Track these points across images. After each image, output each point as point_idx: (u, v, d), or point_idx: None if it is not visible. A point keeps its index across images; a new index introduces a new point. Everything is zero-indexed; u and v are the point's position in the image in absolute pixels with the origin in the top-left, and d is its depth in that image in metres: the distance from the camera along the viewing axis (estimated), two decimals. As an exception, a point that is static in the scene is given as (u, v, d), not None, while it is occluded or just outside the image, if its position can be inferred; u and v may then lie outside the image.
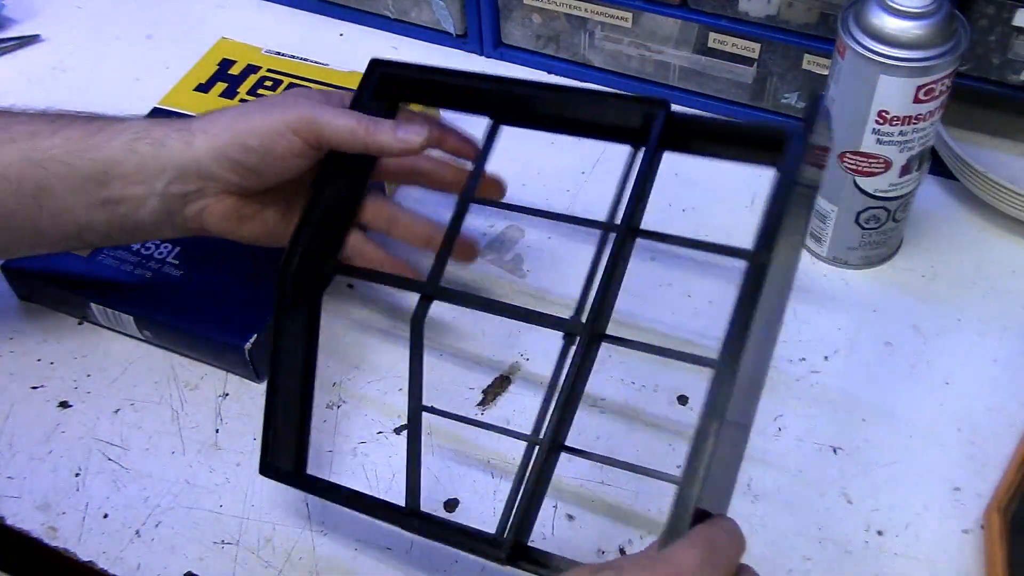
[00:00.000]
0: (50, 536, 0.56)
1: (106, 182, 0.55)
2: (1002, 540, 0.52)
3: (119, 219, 0.56)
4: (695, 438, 0.43)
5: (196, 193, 0.56)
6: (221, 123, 0.55)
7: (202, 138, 0.55)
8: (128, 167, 0.54)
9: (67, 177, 0.54)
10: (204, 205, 0.56)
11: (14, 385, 0.63)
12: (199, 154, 0.55)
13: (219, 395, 0.62)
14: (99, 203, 0.55)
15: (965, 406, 0.60)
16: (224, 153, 0.54)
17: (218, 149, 0.54)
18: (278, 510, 0.57)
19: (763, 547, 0.54)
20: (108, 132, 0.55)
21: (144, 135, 0.55)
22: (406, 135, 0.55)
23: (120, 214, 0.55)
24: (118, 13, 0.90)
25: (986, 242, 0.68)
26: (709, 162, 0.74)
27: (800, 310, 0.64)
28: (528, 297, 0.66)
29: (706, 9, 0.73)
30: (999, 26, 0.65)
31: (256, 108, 0.56)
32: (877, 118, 0.58)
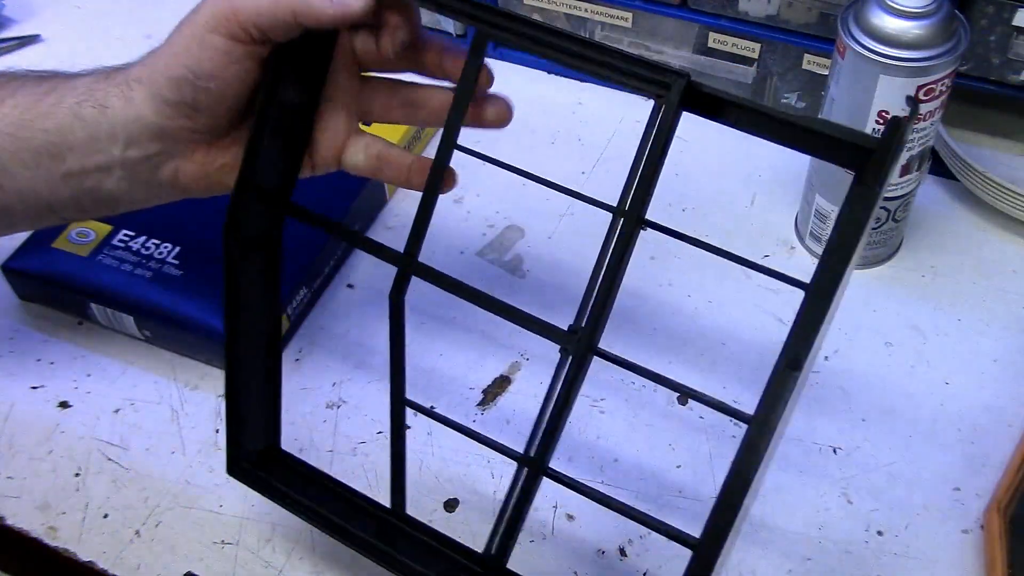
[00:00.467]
0: (50, 536, 0.56)
1: (59, 155, 0.48)
2: (1002, 540, 0.52)
3: (88, 193, 0.49)
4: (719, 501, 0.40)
5: (160, 156, 0.48)
6: (148, 63, 0.47)
7: (138, 89, 0.47)
8: (78, 137, 0.48)
9: (19, 152, 0.48)
10: (176, 167, 0.49)
11: (14, 385, 0.63)
12: (140, 110, 0.47)
13: (219, 395, 0.62)
14: (60, 178, 0.48)
15: (965, 406, 0.60)
16: (160, 98, 0.47)
17: (154, 95, 0.47)
18: (278, 510, 0.57)
19: (763, 547, 0.54)
20: (55, 95, 0.48)
21: (88, 96, 0.47)
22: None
23: (87, 188, 0.49)
24: (118, 13, 0.90)
25: (986, 242, 0.68)
26: (708, 156, 0.75)
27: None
28: (528, 297, 0.66)
29: (706, 9, 0.73)
30: (999, 26, 0.65)
31: (176, 29, 0.47)
32: (877, 118, 0.58)
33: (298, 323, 0.65)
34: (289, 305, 0.64)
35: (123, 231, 0.66)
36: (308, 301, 0.66)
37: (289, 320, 0.64)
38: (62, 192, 0.49)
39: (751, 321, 0.65)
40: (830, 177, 0.63)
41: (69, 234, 0.66)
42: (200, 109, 0.47)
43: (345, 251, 0.69)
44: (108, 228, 0.66)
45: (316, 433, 0.60)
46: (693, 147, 0.76)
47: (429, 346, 0.64)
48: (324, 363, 0.64)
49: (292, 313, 0.64)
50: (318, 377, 0.63)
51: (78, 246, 0.65)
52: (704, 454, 0.57)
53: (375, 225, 0.72)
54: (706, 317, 0.65)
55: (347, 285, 0.68)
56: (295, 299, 0.64)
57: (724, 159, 0.75)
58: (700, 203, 0.72)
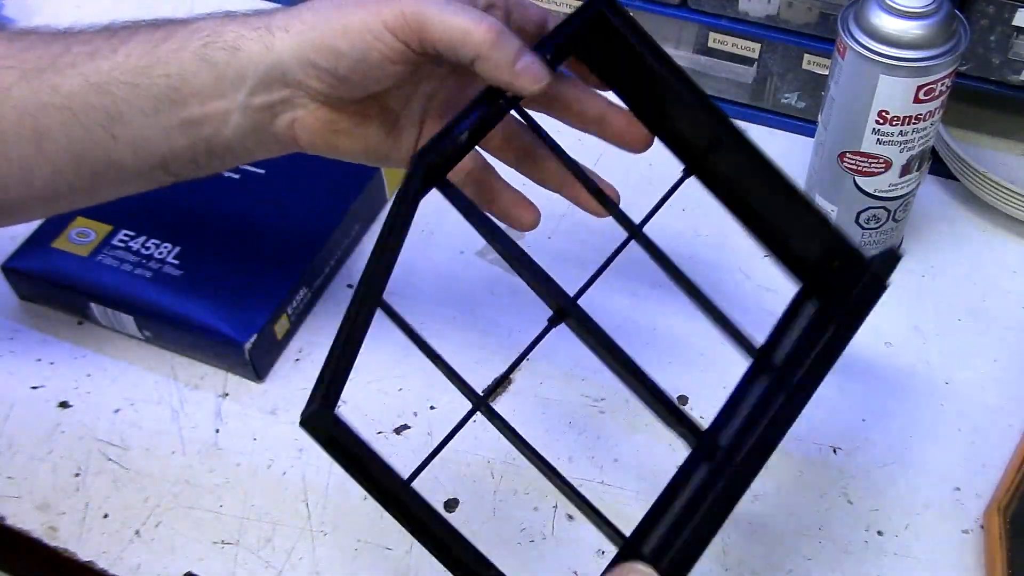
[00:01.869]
0: (50, 536, 0.56)
1: (181, 100, 0.47)
2: (1002, 540, 0.52)
3: (204, 142, 0.49)
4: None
5: (283, 104, 0.48)
6: (306, 20, 0.46)
7: (282, 38, 0.46)
8: (202, 80, 0.47)
9: (137, 100, 0.47)
10: (294, 117, 0.48)
11: (14, 385, 0.63)
12: (282, 57, 0.46)
13: (219, 395, 0.62)
14: (177, 126, 0.48)
15: (965, 406, 0.60)
16: (308, 58, 0.46)
17: (302, 52, 0.46)
18: (278, 510, 0.57)
19: (763, 547, 0.54)
20: (175, 40, 0.47)
21: (215, 38, 0.47)
22: (527, 69, 0.45)
23: (204, 136, 0.49)
24: (118, 13, 0.90)
25: (986, 242, 0.68)
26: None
27: None
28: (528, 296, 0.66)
29: (706, 9, 0.73)
30: (999, 26, 0.65)
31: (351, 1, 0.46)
32: (877, 118, 0.58)
33: (298, 323, 0.65)
34: (289, 305, 0.64)
35: (123, 231, 0.66)
36: (308, 301, 0.66)
37: (289, 320, 0.64)
38: (179, 142, 0.49)
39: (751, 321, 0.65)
40: (830, 177, 0.63)
41: (69, 234, 0.66)
42: (345, 83, 0.47)
43: (345, 251, 0.69)
44: (108, 228, 0.66)
45: (316, 433, 0.60)
46: (693, 147, 0.76)
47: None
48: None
49: (292, 313, 0.64)
50: (318, 377, 0.63)
51: (78, 246, 0.65)
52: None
53: (375, 225, 0.72)
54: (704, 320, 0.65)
55: (347, 285, 0.68)
56: (295, 299, 0.64)
57: (724, 159, 0.75)
58: (700, 203, 0.71)
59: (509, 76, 0.45)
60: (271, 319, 0.62)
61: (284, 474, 0.58)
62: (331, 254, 0.67)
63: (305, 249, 0.65)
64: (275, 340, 0.63)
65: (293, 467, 0.58)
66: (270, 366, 0.63)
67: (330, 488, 0.57)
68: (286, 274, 0.64)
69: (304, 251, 0.65)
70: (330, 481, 0.58)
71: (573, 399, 0.61)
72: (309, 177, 0.69)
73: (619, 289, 0.66)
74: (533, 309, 0.66)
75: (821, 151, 0.63)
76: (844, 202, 0.64)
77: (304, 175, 0.70)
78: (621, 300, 0.65)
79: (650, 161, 0.54)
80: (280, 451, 0.59)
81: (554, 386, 0.62)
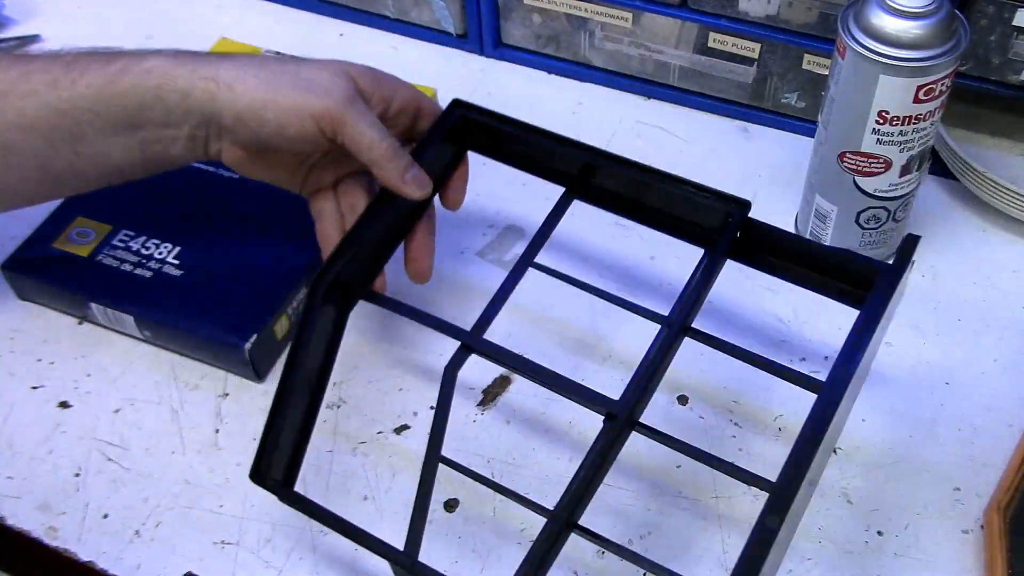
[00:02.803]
0: (50, 536, 0.56)
1: (139, 125, 0.55)
2: (1002, 540, 0.52)
3: (155, 155, 0.57)
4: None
5: (215, 139, 0.57)
6: (248, 84, 0.54)
7: (227, 94, 0.54)
8: (157, 113, 0.55)
9: (98, 123, 0.55)
10: (221, 146, 0.57)
11: (14, 385, 0.63)
12: (220, 108, 0.54)
13: (219, 395, 0.62)
14: (135, 144, 0.56)
15: (965, 406, 0.60)
16: (241, 117, 0.54)
17: (237, 111, 0.54)
18: (278, 510, 0.57)
19: (763, 547, 0.54)
20: (132, 75, 0.54)
21: (169, 81, 0.54)
22: (413, 180, 0.56)
23: (155, 151, 0.56)
24: (118, 13, 0.90)
25: (986, 242, 0.68)
26: (708, 156, 0.75)
27: (800, 310, 0.64)
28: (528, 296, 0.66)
29: (706, 9, 0.73)
30: (999, 26, 0.65)
31: (289, 80, 0.55)
32: (877, 118, 0.58)
33: (298, 323, 0.65)
34: (289, 305, 0.64)
35: (123, 231, 0.66)
36: (308, 301, 0.66)
37: (289, 320, 0.64)
38: (135, 156, 0.56)
39: (751, 321, 0.65)
40: (830, 177, 0.63)
41: (69, 234, 0.66)
42: (263, 142, 0.56)
43: (345, 251, 0.69)
44: (108, 228, 0.66)
45: (316, 433, 0.60)
46: (693, 147, 0.76)
47: (429, 347, 0.64)
48: (324, 363, 0.64)
49: (292, 313, 0.64)
50: (318, 377, 0.63)
51: (78, 246, 0.65)
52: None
53: (375, 225, 0.71)
54: (706, 317, 0.65)
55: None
56: (295, 299, 0.64)
57: (724, 159, 0.75)
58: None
59: (398, 184, 0.56)
60: (271, 319, 0.62)
61: (284, 474, 0.58)
62: (331, 254, 0.67)
63: (305, 249, 0.65)
64: (275, 340, 0.63)
65: (293, 467, 0.58)
66: (270, 366, 0.63)
67: (330, 488, 0.57)
68: (286, 274, 0.64)
69: (304, 251, 0.65)
70: (330, 481, 0.58)
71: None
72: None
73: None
74: (535, 309, 0.66)
75: (821, 151, 0.63)
76: (844, 202, 0.64)
77: (304, 175, 0.70)
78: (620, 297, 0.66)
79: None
80: (280, 451, 0.59)
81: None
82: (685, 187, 0.57)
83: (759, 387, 0.60)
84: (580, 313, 0.64)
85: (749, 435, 0.59)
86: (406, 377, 0.63)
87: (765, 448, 0.58)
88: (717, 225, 0.56)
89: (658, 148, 0.76)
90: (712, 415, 0.60)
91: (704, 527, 0.55)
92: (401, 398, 0.62)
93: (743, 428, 0.59)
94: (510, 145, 0.61)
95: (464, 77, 0.82)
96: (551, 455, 0.59)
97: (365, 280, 0.58)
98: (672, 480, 0.57)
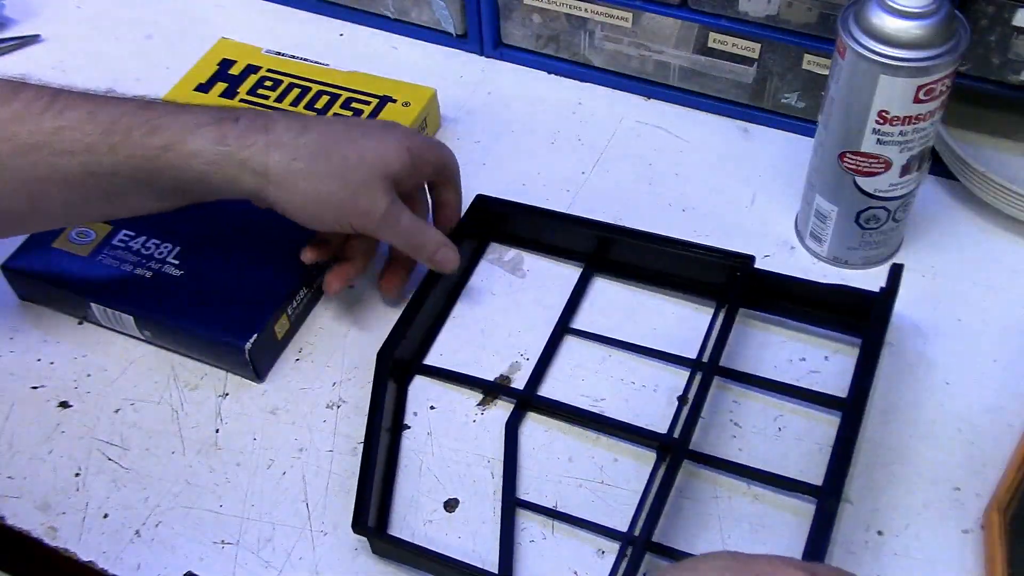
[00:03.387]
0: (50, 536, 0.56)
1: (181, 194, 0.57)
2: (1002, 540, 0.52)
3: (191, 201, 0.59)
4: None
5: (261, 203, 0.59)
6: (298, 187, 0.57)
7: (275, 192, 0.57)
8: (201, 190, 0.57)
9: (140, 188, 0.56)
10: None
11: (14, 385, 0.63)
12: (268, 199, 0.57)
13: (219, 395, 0.62)
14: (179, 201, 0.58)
15: (965, 406, 0.60)
16: (287, 211, 0.58)
17: (284, 207, 0.57)
18: (278, 510, 0.57)
19: (764, 547, 0.54)
20: (175, 155, 0.55)
21: (217, 170, 0.55)
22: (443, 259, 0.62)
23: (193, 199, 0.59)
24: (118, 13, 0.90)
25: (986, 242, 0.68)
26: (708, 156, 0.75)
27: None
28: (528, 296, 0.66)
29: (706, 9, 0.73)
30: (999, 26, 0.65)
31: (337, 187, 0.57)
32: (877, 118, 0.58)
33: (298, 323, 0.65)
34: (289, 305, 0.64)
35: (123, 231, 0.66)
36: (308, 301, 0.66)
37: (289, 320, 0.64)
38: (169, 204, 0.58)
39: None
40: (830, 177, 0.63)
41: (69, 234, 0.66)
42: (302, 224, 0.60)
43: (345, 251, 0.69)
44: (108, 228, 0.66)
45: (316, 433, 0.60)
46: (693, 147, 0.76)
47: (428, 346, 0.64)
48: (324, 363, 0.64)
49: (292, 313, 0.64)
50: (318, 377, 0.63)
51: (78, 246, 0.65)
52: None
53: (375, 225, 0.72)
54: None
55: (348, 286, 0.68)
56: (295, 299, 0.64)
57: (724, 159, 0.75)
58: (700, 203, 0.72)
59: (430, 262, 0.62)
60: (271, 319, 0.62)
61: (284, 474, 0.58)
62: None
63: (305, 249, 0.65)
64: (275, 340, 0.63)
65: (293, 467, 0.58)
66: (270, 366, 0.63)
67: (330, 488, 0.58)
68: (286, 274, 0.64)
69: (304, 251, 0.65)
70: (330, 481, 0.58)
71: (573, 399, 0.61)
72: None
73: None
74: (534, 309, 0.66)
75: (821, 151, 0.63)
76: (844, 202, 0.64)
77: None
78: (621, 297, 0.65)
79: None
80: (280, 451, 0.59)
81: (554, 386, 0.62)
82: (695, 250, 0.63)
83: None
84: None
85: (749, 435, 0.59)
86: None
87: (766, 448, 0.58)
88: (725, 280, 0.63)
89: (658, 148, 0.76)
90: (712, 415, 0.60)
91: (704, 527, 0.55)
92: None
93: (743, 428, 0.59)
94: (529, 231, 0.68)
95: (464, 77, 0.82)
96: (551, 455, 0.59)
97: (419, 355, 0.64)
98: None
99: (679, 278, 0.65)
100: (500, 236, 0.69)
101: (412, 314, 0.62)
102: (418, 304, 0.62)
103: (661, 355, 0.62)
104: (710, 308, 0.64)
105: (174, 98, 0.76)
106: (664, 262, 0.64)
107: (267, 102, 0.75)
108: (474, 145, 0.77)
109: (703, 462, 0.57)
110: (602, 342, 0.63)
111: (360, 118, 0.72)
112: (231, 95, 0.76)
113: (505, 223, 0.68)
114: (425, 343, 0.64)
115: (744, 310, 0.63)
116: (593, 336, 0.64)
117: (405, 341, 0.61)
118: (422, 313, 0.63)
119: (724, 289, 0.63)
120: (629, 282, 0.66)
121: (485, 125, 0.78)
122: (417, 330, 0.63)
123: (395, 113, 0.74)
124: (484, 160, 0.75)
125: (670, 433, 0.57)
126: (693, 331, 0.63)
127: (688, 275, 0.64)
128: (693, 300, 0.65)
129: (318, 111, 0.74)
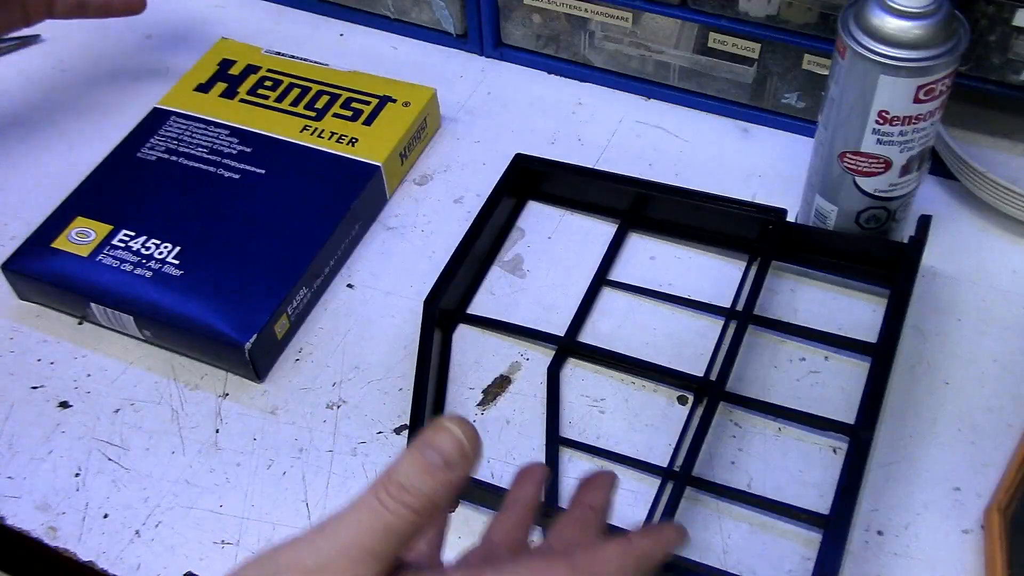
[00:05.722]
0: (50, 536, 0.56)
1: None
2: (1002, 540, 0.52)
3: None
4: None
5: None
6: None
7: None
8: None
9: None
10: None
11: (14, 385, 0.63)
12: None
13: (219, 395, 0.62)
14: None
15: (965, 406, 0.60)
16: None
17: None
18: (278, 510, 0.57)
19: (763, 547, 0.54)
20: None
21: None
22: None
23: None
24: (118, 13, 0.90)
25: (986, 242, 0.68)
26: (708, 156, 0.75)
27: (801, 310, 0.64)
28: (528, 296, 0.67)
29: (706, 9, 0.73)
30: (999, 26, 0.65)
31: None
32: (877, 118, 0.58)
33: (298, 323, 0.65)
34: (289, 305, 0.64)
35: (123, 231, 0.66)
36: (308, 301, 0.66)
37: (289, 320, 0.64)
38: None
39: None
40: (830, 177, 0.63)
41: (69, 234, 0.66)
42: None
43: (345, 251, 0.69)
44: (108, 228, 0.66)
45: (316, 433, 0.60)
46: (693, 147, 0.76)
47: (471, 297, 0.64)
48: (324, 363, 0.64)
49: (292, 313, 0.64)
50: (318, 377, 0.63)
51: (78, 246, 0.65)
52: (704, 454, 0.57)
53: (375, 225, 0.72)
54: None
55: (347, 285, 0.68)
56: (295, 299, 0.64)
57: (724, 159, 0.75)
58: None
59: None
60: (271, 319, 0.62)
61: (284, 474, 0.58)
62: (331, 254, 0.67)
63: (305, 249, 0.65)
64: (275, 340, 0.63)
65: (293, 467, 0.58)
66: (270, 366, 0.63)
67: (330, 488, 0.58)
68: (286, 274, 0.64)
69: (304, 251, 0.65)
70: (330, 481, 0.58)
71: (573, 399, 0.61)
72: (309, 177, 0.69)
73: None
74: (534, 309, 0.66)
75: (821, 151, 0.63)
76: (844, 202, 0.64)
77: (304, 175, 0.70)
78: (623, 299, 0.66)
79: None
80: (280, 451, 0.59)
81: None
82: (728, 204, 0.65)
83: (759, 387, 0.60)
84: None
85: (749, 435, 0.59)
86: (406, 377, 0.63)
87: (766, 448, 0.58)
88: (758, 234, 0.65)
89: (658, 148, 0.76)
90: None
91: (704, 526, 0.55)
92: (401, 398, 0.62)
93: (743, 428, 0.59)
94: (567, 190, 0.70)
95: (464, 77, 0.82)
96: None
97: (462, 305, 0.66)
98: (672, 480, 0.57)
99: (712, 233, 0.67)
100: (539, 195, 0.71)
101: (456, 266, 0.64)
102: (460, 257, 0.64)
103: (696, 304, 0.64)
104: (742, 261, 0.66)
105: (174, 98, 0.76)
106: (698, 217, 0.66)
107: (267, 102, 0.75)
108: (474, 145, 0.77)
109: (738, 403, 0.59)
110: (638, 292, 0.65)
111: None
112: (231, 95, 0.76)
113: (544, 181, 0.70)
114: (468, 294, 0.66)
115: (776, 263, 0.65)
116: (630, 287, 0.66)
117: (449, 291, 0.63)
118: (464, 265, 0.65)
119: (756, 242, 0.65)
120: (664, 237, 0.68)
121: (485, 125, 0.78)
122: (461, 280, 0.65)
123: (395, 113, 0.74)
124: (484, 160, 0.75)
125: (707, 375, 0.60)
126: (727, 283, 0.65)
127: (721, 229, 0.66)
128: (726, 254, 0.67)
129: (318, 111, 0.74)
